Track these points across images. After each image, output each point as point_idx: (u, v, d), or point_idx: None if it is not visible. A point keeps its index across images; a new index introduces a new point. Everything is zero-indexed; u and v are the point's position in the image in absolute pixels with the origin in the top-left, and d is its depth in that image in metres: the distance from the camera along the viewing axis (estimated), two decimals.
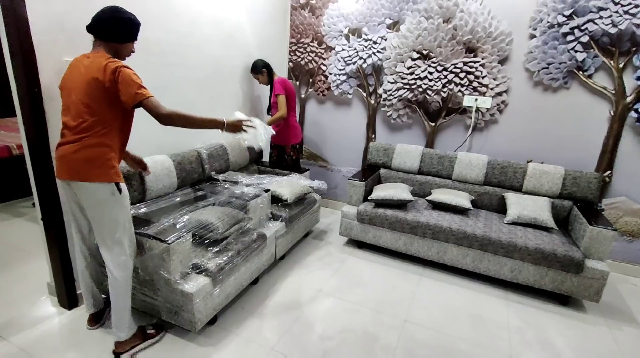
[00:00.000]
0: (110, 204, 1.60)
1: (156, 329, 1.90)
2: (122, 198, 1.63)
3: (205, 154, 2.64)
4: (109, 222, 1.62)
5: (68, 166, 1.56)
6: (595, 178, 2.70)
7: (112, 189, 1.58)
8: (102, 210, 1.61)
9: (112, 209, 1.61)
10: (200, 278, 1.84)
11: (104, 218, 1.62)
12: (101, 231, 1.64)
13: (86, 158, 1.54)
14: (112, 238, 1.64)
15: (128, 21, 1.62)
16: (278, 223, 2.58)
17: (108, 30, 1.58)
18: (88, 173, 1.54)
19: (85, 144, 1.53)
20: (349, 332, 2.05)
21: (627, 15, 2.55)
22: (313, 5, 3.55)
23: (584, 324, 2.27)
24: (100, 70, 1.49)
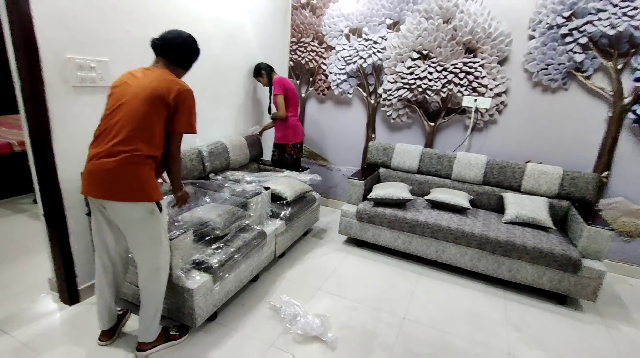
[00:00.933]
0: (148, 223, 1.54)
1: (180, 332, 1.87)
2: (162, 216, 1.59)
3: (205, 152, 2.66)
4: (145, 240, 1.57)
5: (102, 183, 1.46)
6: (593, 178, 2.72)
7: (151, 208, 1.52)
8: (139, 229, 1.55)
9: (149, 226, 1.55)
10: (200, 275, 1.86)
11: (140, 236, 1.57)
12: (138, 248, 1.60)
13: (126, 175, 1.45)
14: (149, 254, 1.60)
15: (197, 52, 1.72)
16: (278, 221, 2.60)
17: (180, 56, 1.65)
18: (127, 192, 1.46)
19: (128, 161, 1.44)
20: (348, 329, 2.07)
21: (625, 17, 2.57)
22: (314, 5, 3.57)
23: (581, 323, 2.29)
24: (169, 88, 1.50)
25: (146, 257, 1.61)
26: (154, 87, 1.49)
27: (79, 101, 1.92)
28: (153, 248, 1.59)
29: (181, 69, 1.70)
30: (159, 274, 1.65)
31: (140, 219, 1.52)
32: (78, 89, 1.91)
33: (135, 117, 1.45)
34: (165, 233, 1.64)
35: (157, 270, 1.63)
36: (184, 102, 1.54)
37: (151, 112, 1.48)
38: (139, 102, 1.46)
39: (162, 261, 1.63)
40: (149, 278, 1.64)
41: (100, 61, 1.99)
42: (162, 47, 1.62)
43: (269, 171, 3.20)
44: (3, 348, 1.75)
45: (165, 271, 1.68)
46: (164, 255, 1.64)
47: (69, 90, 1.87)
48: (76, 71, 1.88)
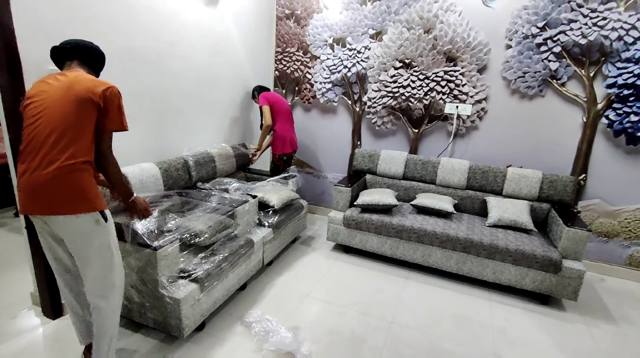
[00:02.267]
0: (94, 235, 1.44)
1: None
2: (109, 226, 1.48)
3: (191, 161, 2.66)
4: (94, 254, 1.46)
5: (39, 198, 1.34)
6: (571, 181, 2.82)
7: (96, 218, 1.42)
8: (86, 242, 1.44)
9: (97, 239, 1.45)
10: (187, 284, 1.85)
11: (89, 250, 1.45)
12: (85, 263, 1.47)
13: (65, 186, 1.34)
14: (100, 269, 1.48)
15: (104, 56, 1.66)
16: (265, 229, 2.61)
17: (91, 56, 1.58)
18: (68, 204, 1.35)
19: (64, 170, 1.33)
20: (336, 335, 2.08)
21: (595, 27, 2.70)
22: (298, 16, 3.63)
23: (563, 322, 2.35)
24: (94, 87, 1.41)
25: (98, 273, 1.48)
26: (78, 88, 1.40)
27: None
28: (104, 262, 1.48)
29: (93, 72, 1.59)
30: (114, 291, 1.53)
31: (87, 232, 1.42)
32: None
33: (61, 122, 1.35)
34: (116, 246, 1.53)
35: (112, 287, 1.51)
36: (112, 100, 1.45)
37: (79, 114, 1.38)
38: (64, 106, 1.37)
39: (116, 277, 1.53)
40: (103, 296, 1.50)
41: None
42: (73, 50, 1.52)
43: (255, 179, 3.22)
44: None
45: (120, 289, 1.56)
46: (117, 270, 1.53)
47: None
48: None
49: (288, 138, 3.30)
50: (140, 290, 1.84)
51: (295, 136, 3.43)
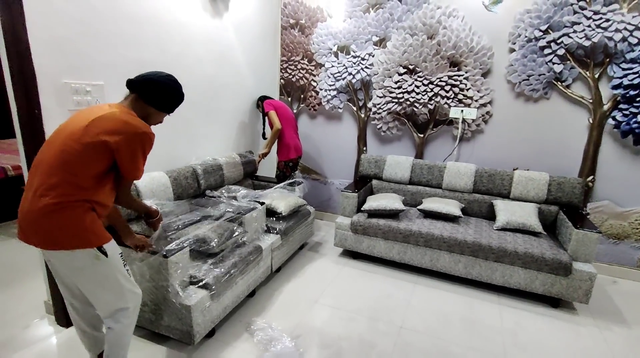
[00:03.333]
0: (94, 270, 1.38)
1: None
2: (111, 260, 1.40)
3: (200, 170, 2.70)
4: (99, 286, 1.42)
5: (34, 231, 1.30)
6: (578, 183, 2.80)
7: (94, 254, 1.35)
8: (88, 277, 1.39)
9: (98, 273, 1.40)
10: (198, 291, 1.88)
11: (92, 283, 1.41)
12: (92, 295, 1.44)
13: (55, 223, 1.28)
14: (108, 299, 1.45)
15: (173, 91, 1.55)
16: (273, 236, 2.63)
17: (150, 90, 1.48)
18: (61, 240, 1.30)
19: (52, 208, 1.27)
20: (346, 340, 2.08)
21: (599, 29, 2.70)
22: (302, 25, 3.69)
23: (575, 325, 2.33)
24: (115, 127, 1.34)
25: (108, 302, 1.46)
26: (94, 128, 1.32)
27: None
28: (112, 292, 1.44)
29: (152, 106, 1.51)
30: (127, 314, 1.49)
31: (86, 267, 1.36)
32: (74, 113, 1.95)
33: (58, 159, 1.29)
34: (123, 276, 1.46)
35: (125, 311, 1.48)
36: (128, 146, 1.36)
37: (83, 155, 1.30)
38: (71, 142, 1.30)
39: (128, 302, 1.49)
40: (116, 320, 1.48)
41: (95, 85, 2.04)
42: (135, 83, 1.48)
43: (262, 186, 3.25)
44: None
45: (134, 312, 1.53)
46: (129, 296, 1.49)
47: (65, 114, 1.91)
48: (72, 94, 1.93)
49: (292, 144, 3.33)
50: (151, 297, 1.87)
51: (299, 142, 3.46)
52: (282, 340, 1.95)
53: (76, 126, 1.34)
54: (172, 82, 1.56)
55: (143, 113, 1.51)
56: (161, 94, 1.52)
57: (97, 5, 2.01)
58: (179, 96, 1.59)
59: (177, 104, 1.61)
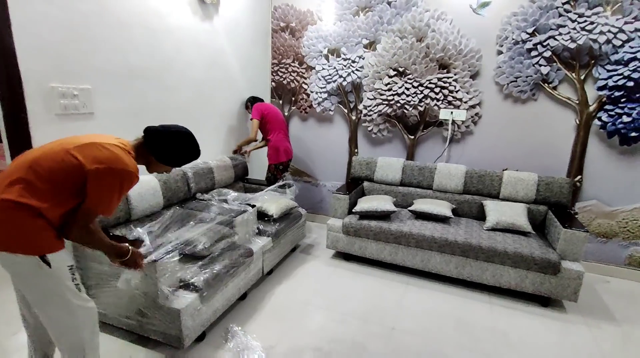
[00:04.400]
0: (38, 279, 1.30)
1: None
2: (55, 271, 1.30)
3: (190, 173, 2.69)
4: (43, 299, 1.33)
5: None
6: (567, 183, 2.84)
7: (37, 262, 1.27)
8: (31, 285, 1.32)
9: (41, 283, 1.31)
10: (187, 294, 1.87)
11: (36, 294, 1.33)
12: (37, 307, 1.36)
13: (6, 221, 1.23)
14: (54, 315, 1.36)
15: (180, 148, 1.56)
16: (264, 238, 2.62)
17: (155, 146, 1.49)
18: (5, 241, 1.24)
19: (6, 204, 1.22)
20: (338, 343, 2.08)
21: (584, 31, 2.75)
22: (293, 28, 3.71)
23: (564, 324, 2.35)
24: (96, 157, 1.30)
25: (51, 318, 1.36)
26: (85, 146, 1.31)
27: (62, 128, 1.96)
28: (58, 309, 1.34)
29: (152, 156, 1.51)
30: (72, 336, 1.38)
31: (28, 275, 1.29)
32: (61, 117, 1.95)
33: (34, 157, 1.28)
34: (70, 291, 1.35)
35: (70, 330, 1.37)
36: (104, 177, 1.30)
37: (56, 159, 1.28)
38: (52, 147, 1.32)
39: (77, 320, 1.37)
40: (62, 339, 1.39)
41: (83, 89, 2.03)
42: (148, 129, 1.51)
43: (254, 189, 3.24)
44: None
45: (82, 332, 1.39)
46: (79, 315, 1.37)
47: (52, 118, 1.91)
48: (59, 99, 1.92)
49: (282, 147, 3.34)
50: (140, 301, 1.86)
51: (290, 145, 3.47)
52: (255, 350, 1.91)
53: (70, 140, 1.35)
54: (182, 139, 1.56)
55: (144, 160, 1.53)
56: (164, 148, 1.52)
57: (84, 10, 2.00)
58: (185, 154, 1.58)
59: (182, 161, 1.60)
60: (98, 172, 1.29)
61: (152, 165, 1.56)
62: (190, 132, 1.62)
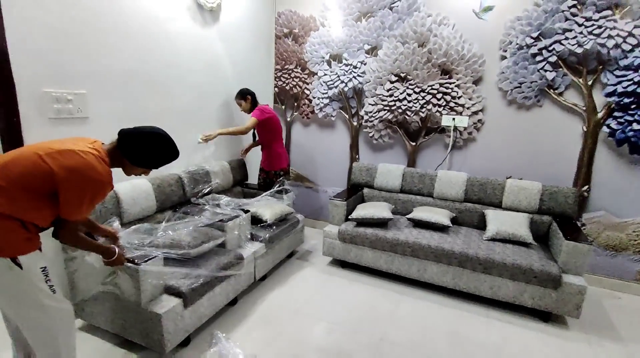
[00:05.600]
0: (10, 281, 1.31)
1: None
2: (26, 273, 1.31)
3: (186, 178, 2.70)
4: (15, 301, 1.35)
5: None
6: (572, 192, 2.72)
7: (7, 264, 1.28)
8: (2, 289, 1.33)
9: (13, 286, 1.32)
10: (170, 299, 1.87)
11: (6, 296, 1.34)
12: (8, 310, 1.41)
13: None
14: (27, 317, 1.37)
15: (158, 153, 1.54)
16: (257, 244, 2.61)
17: (128, 144, 1.47)
18: None
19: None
20: (323, 352, 2.04)
21: (591, 35, 2.64)
22: (296, 34, 3.71)
23: (564, 341, 2.24)
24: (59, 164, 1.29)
25: (26, 319, 1.37)
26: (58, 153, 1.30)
27: (56, 132, 2.00)
28: (32, 310, 1.35)
29: (126, 158, 1.49)
30: (48, 339, 1.41)
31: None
32: (54, 121, 1.99)
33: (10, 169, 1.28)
34: (43, 292, 1.36)
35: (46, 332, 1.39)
36: (70, 187, 1.30)
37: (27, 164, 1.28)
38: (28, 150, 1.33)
39: (51, 322, 1.40)
40: (38, 342, 1.41)
41: (77, 94, 2.08)
42: (120, 132, 1.49)
43: (253, 194, 3.24)
44: None
45: (58, 335, 1.42)
46: (53, 316, 1.39)
47: (45, 122, 1.95)
48: (52, 103, 1.97)
49: (283, 154, 3.35)
50: (125, 304, 1.87)
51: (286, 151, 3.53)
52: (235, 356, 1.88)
53: (44, 144, 1.36)
54: (156, 141, 1.53)
55: (119, 163, 1.51)
56: (137, 150, 1.49)
57: (80, 16, 2.05)
58: (160, 155, 1.55)
59: (157, 163, 1.57)
60: (68, 180, 1.30)
61: (127, 168, 1.54)
62: (166, 134, 1.58)
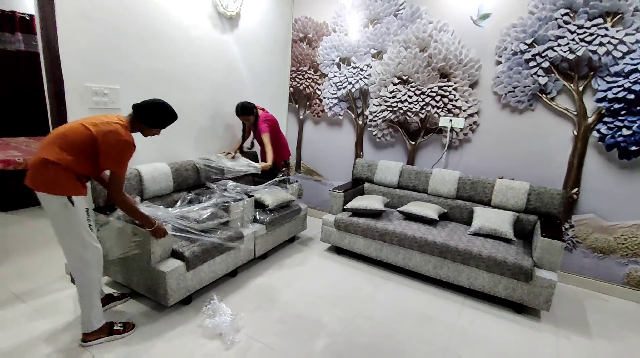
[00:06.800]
0: (63, 216, 1.78)
1: (124, 327, 2.08)
2: (76, 211, 1.79)
3: (200, 165, 3.09)
4: (65, 230, 1.82)
5: (30, 176, 1.76)
6: (558, 193, 2.82)
7: (64, 201, 1.76)
8: (57, 220, 1.80)
9: (65, 219, 1.79)
10: (175, 262, 2.24)
11: (60, 227, 1.82)
12: (58, 237, 1.85)
13: (43, 172, 1.73)
14: (71, 246, 1.85)
15: (162, 114, 2.02)
16: (258, 225, 2.95)
17: (144, 113, 1.97)
18: (42, 185, 1.74)
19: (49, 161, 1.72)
20: (301, 318, 2.33)
21: (583, 42, 2.74)
22: (310, 39, 4.03)
23: (531, 330, 2.38)
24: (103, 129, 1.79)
25: (69, 247, 1.86)
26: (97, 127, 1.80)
27: None
28: (74, 240, 1.83)
29: (144, 124, 2.00)
30: (84, 268, 1.88)
31: (57, 212, 1.78)
32: (93, 110, 2.43)
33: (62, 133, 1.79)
34: (85, 229, 1.85)
35: (82, 260, 1.86)
36: (110, 143, 1.80)
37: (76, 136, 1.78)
38: (72, 125, 1.83)
39: (87, 253, 1.87)
40: (76, 269, 1.89)
41: (112, 88, 2.51)
42: (135, 105, 1.98)
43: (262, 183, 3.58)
44: (21, 312, 2.21)
45: (92, 265, 1.89)
46: (89, 248, 1.87)
47: (86, 111, 2.39)
48: (92, 96, 2.41)
49: (286, 146, 3.69)
50: (138, 263, 2.26)
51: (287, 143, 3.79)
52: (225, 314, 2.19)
53: (86, 119, 1.87)
54: (162, 108, 2.03)
55: (138, 128, 2.02)
56: (149, 116, 2.00)
57: (116, 25, 2.48)
58: (165, 118, 2.06)
59: (165, 123, 2.08)
60: (105, 141, 1.80)
61: (144, 131, 2.04)
62: (166, 102, 2.06)
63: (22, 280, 2.57)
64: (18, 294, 2.40)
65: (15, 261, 2.84)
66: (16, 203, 4.01)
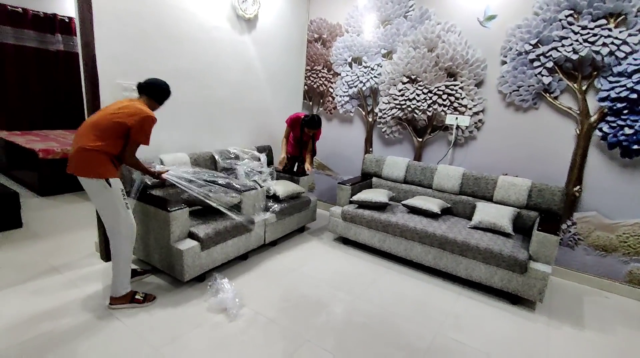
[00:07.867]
0: (103, 195, 2.09)
1: (146, 297, 2.33)
2: (113, 191, 2.09)
3: (218, 156, 3.34)
4: (104, 207, 2.15)
5: (72, 163, 2.06)
6: (559, 190, 2.89)
7: (103, 183, 2.06)
8: (98, 199, 2.12)
9: (104, 197, 2.10)
10: (191, 242, 2.48)
11: (100, 204, 2.15)
12: (101, 212, 2.19)
13: (84, 158, 2.03)
14: (109, 219, 2.16)
15: (167, 93, 2.36)
16: (269, 214, 3.17)
17: (155, 94, 2.30)
18: (83, 170, 2.04)
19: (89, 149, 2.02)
20: (305, 298, 2.53)
21: (586, 43, 2.80)
22: (324, 39, 4.22)
23: (523, 320, 2.48)
24: (130, 115, 2.09)
25: (108, 221, 2.17)
26: (121, 113, 2.09)
27: None
28: (112, 215, 2.14)
29: (156, 102, 2.33)
30: (119, 237, 2.17)
31: (97, 192, 2.09)
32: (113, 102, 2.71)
33: (94, 124, 2.08)
34: (122, 206, 2.15)
35: (118, 232, 2.17)
36: (140, 123, 2.11)
37: (114, 126, 2.07)
38: (101, 116, 2.10)
39: (121, 227, 2.16)
40: (112, 237, 2.19)
41: None
42: (144, 87, 2.27)
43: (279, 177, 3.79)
44: (58, 282, 2.52)
45: (125, 238, 2.19)
46: (123, 223, 2.16)
47: None
48: (122, 91, 2.68)
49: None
50: (159, 242, 2.52)
51: None
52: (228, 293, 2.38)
53: (110, 109, 2.15)
54: (163, 83, 2.34)
55: (150, 104, 2.29)
56: (158, 92, 2.32)
57: (146, 28, 2.76)
58: (167, 91, 2.37)
59: (167, 96, 2.38)
60: (134, 122, 2.10)
61: (153, 107, 2.30)
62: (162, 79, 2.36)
63: (59, 255, 2.89)
64: (56, 266, 2.71)
65: (53, 239, 3.18)
66: (53, 189, 4.40)
